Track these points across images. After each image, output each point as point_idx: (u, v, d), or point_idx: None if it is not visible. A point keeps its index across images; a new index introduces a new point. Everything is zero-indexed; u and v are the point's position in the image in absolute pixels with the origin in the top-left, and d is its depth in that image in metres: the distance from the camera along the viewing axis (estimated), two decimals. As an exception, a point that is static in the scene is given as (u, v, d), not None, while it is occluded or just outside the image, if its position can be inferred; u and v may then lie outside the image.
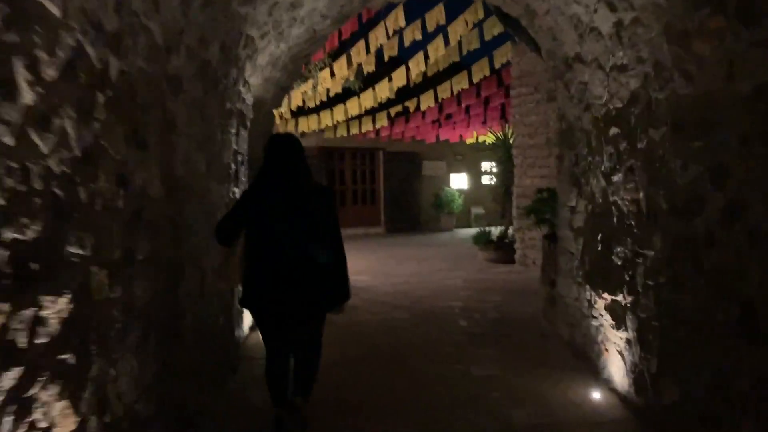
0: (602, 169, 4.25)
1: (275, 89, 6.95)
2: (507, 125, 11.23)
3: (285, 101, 12.50)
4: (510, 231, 10.41)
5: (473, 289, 8.04)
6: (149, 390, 2.85)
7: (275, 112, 12.47)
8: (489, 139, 16.74)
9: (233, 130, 5.16)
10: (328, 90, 12.09)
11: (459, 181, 19.15)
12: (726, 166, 2.68)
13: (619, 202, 3.95)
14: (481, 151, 17.19)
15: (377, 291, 7.95)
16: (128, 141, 2.70)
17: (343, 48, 11.07)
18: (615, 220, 4.02)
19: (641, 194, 3.61)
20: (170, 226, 3.27)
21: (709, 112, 2.83)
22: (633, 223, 3.73)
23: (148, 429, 2.82)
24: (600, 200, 4.31)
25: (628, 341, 3.82)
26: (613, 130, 4.02)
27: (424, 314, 6.63)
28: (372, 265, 10.37)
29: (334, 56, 11.26)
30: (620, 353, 3.93)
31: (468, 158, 19.11)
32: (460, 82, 12.29)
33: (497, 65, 11.29)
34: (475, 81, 11.96)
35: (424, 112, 14.07)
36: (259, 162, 5.92)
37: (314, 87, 11.69)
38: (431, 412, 3.89)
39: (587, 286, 4.56)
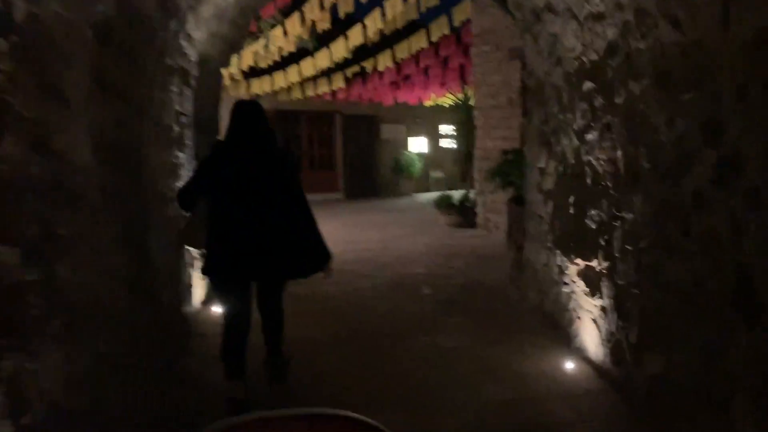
0: (574, 127, 4.00)
1: (223, 45, 6.46)
2: (467, 86, 10.92)
3: (235, 61, 11.90)
4: (471, 195, 10.20)
5: (437, 254, 7.83)
6: (80, 384, 2.51)
7: (225, 71, 11.88)
8: (448, 101, 16.50)
9: (175, 89, 4.72)
10: (280, 49, 11.56)
11: (418, 144, 18.87)
12: (719, 120, 2.44)
13: (594, 162, 3.71)
14: (441, 113, 16.94)
15: (340, 259, 7.58)
16: (44, 97, 2.30)
17: (296, 4, 10.52)
18: (589, 181, 3.79)
19: (619, 153, 3.37)
20: (101, 197, 2.88)
21: (700, 61, 2.57)
22: (609, 184, 3.50)
23: (80, 427, 2.48)
24: (572, 161, 4.07)
25: (603, 309, 3.63)
26: (587, 85, 3.76)
27: (390, 282, 6.38)
28: (333, 233, 10.02)
29: (286, 13, 10.72)
30: (594, 321, 3.75)
31: (427, 121, 18.82)
32: (418, 42, 11.90)
33: (456, 23, 10.93)
34: (433, 40, 11.58)
35: (381, 73, 13.66)
36: (208, 124, 5.39)
37: (266, 46, 11.14)
38: (400, 389, 3.65)
39: (558, 252, 4.36)
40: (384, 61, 12.59)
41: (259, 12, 9.73)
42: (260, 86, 14.10)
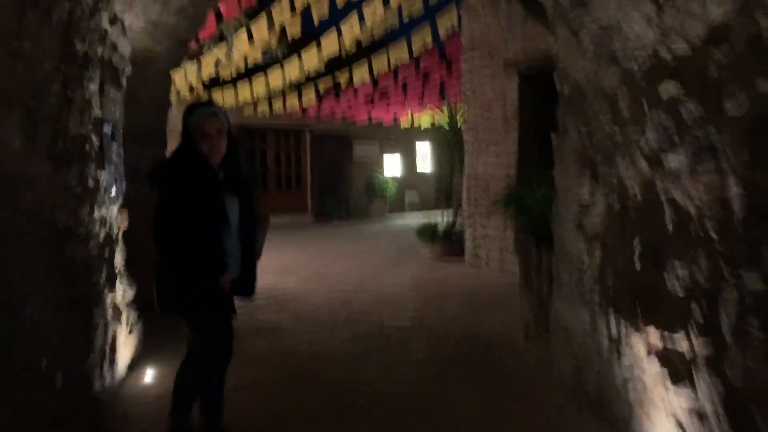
0: (642, 147, 2.89)
1: (170, 41, 5.24)
2: (447, 103, 9.87)
3: (193, 69, 10.66)
4: (457, 223, 9.08)
5: (424, 295, 6.65)
6: None
7: (178, 78, 10.62)
8: (425, 119, 15.47)
9: (92, 87, 3.48)
10: (246, 57, 10.36)
11: (392, 164, 17.77)
12: None
13: (680, 197, 2.60)
14: (417, 132, 15.96)
15: (308, 302, 6.42)
16: None
17: (263, 5, 9.36)
18: (670, 224, 2.68)
19: (734, 188, 2.27)
20: None
21: None
22: (713, 231, 2.39)
23: None
24: (637, 193, 2.96)
25: (697, 413, 2.50)
26: (669, 88, 2.65)
27: (372, 336, 5.16)
28: (300, 264, 8.81)
29: (252, 15, 9.54)
30: (682, 428, 2.61)
31: (402, 140, 17.77)
32: (398, 53, 10.84)
33: (441, 33, 9.90)
34: (414, 50, 10.53)
35: (356, 88, 12.55)
36: (151, 136, 4.31)
37: (229, 52, 9.93)
38: None
39: (612, 314, 3.22)
40: (360, 74, 11.49)
41: (220, 10, 8.54)
42: (223, 98, 12.85)
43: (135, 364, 4.36)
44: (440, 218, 9.33)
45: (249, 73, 11.62)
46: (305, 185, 16.54)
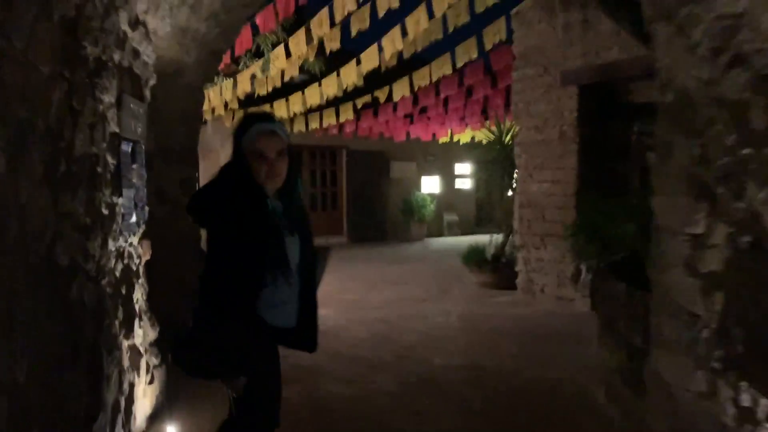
0: (789, 170, 2.25)
1: (200, 51, 4.77)
2: (496, 120, 9.27)
3: (229, 86, 10.28)
4: (507, 248, 8.41)
5: (476, 331, 6.00)
6: None
7: (213, 95, 10.25)
8: (466, 137, 14.86)
9: (107, 98, 2.99)
10: (282, 73, 9.93)
11: (430, 184, 17.17)
12: None
13: None
14: (462, 150, 15.36)
15: (348, 337, 5.83)
16: None
17: (302, 17, 8.93)
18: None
19: None
20: None
21: None
22: None
23: None
24: (782, 229, 2.30)
25: None
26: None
27: (420, 381, 4.54)
28: (336, 291, 8.24)
29: (290, 29, 9.11)
30: None
31: (441, 159, 17.18)
32: (440, 67, 10.28)
33: (488, 46, 9.31)
34: (459, 65, 9.96)
35: (395, 104, 12.02)
36: (179, 154, 3.72)
37: (265, 68, 9.51)
38: None
39: (739, 380, 2.55)
40: (400, 89, 10.96)
41: (256, 21, 8.13)
42: (258, 116, 12.45)
43: (157, 415, 3.82)
44: (488, 243, 8.65)
45: (286, 90, 11.20)
46: (341, 205, 16.05)
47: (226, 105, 11.24)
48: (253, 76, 10.05)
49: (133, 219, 3.52)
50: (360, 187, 15.89)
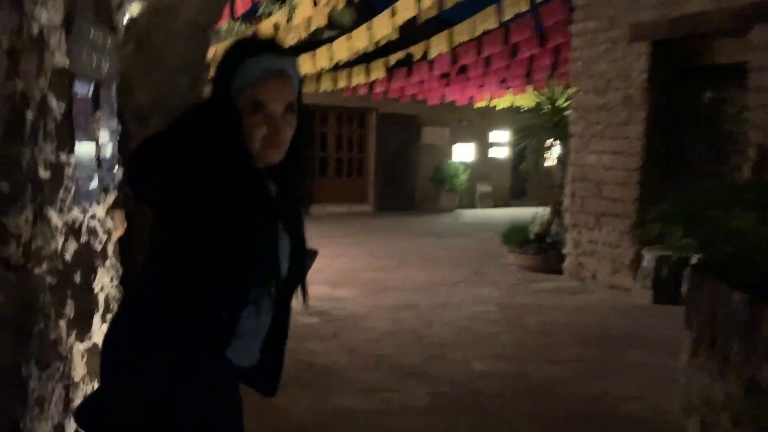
0: None
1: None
2: (548, 82, 8.24)
3: (249, 35, 9.35)
4: (553, 227, 7.46)
5: (520, 326, 5.12)
6: None
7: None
8: (504, 102, 13.79)
9: (46, 17, 2.12)
10: (308, 22, 8.96)
11: (463, 152, 16.14)
12: None
13: None
14: (500, 115, 14.33)
15: (370, 328, 5.00)
16: None
17: (330, -43, 7.93)
18: None
19: None
20: None
21: None
22: None
23: None
24: None
25: None
26: None
27: (455, 394, 3.69)
28: (358, 269, 7.42)
29: (317, -29, 8.12)
30: None
31: (475, 126, 16.11)
32: (485, 21, 9.20)
33: (539, -2, 8.22)
34: (506, 18, 8.87)
35: (431, 62, 10.99)
36: (173, 111, 2.21)
37: (289, 16, 8.56)
38: None
39: None
40: (438, 45, 9.91)
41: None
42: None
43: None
44: (531, 220, 7.70)
45: (312, 44, 10.26)
46: (368, 172, 15.15)
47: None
48: (277, 26, 9.10)
49: (94, 184, 2.67)
50: (388, 152, 14.95)
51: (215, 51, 5.46)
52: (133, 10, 3.74)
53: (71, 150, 2.43)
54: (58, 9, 2.24)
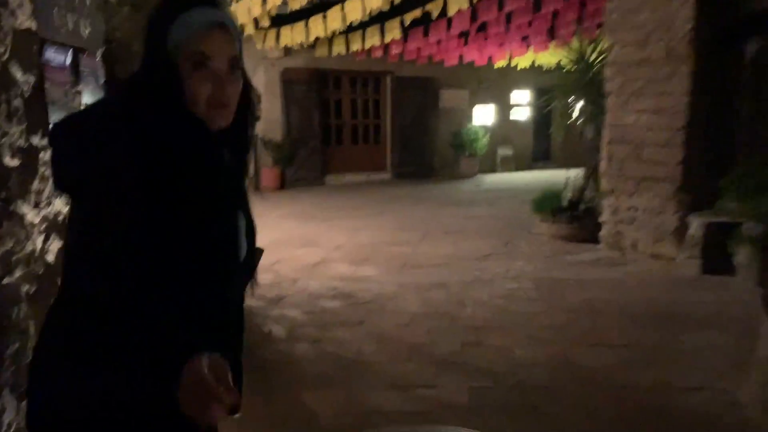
0: None
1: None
2: (578, 35, 7.67)
3: (258, 1, 8.83)
4: (587, 193, 6.99)
5: (560, 305, 4.71)
6: None
7: (240, 12, 8.84)
8: (525, 61, 13.16)
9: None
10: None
11: (483, 115, 15.55)
12: None
13: None
14: (521, 75, 13.76)
15: (397, 311, 4.63)
16: None
17: None
18: None
19: None
20: None
21: None
22: None
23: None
24: None
25: None
26: None
27: (498, 388, 3.32)
28: (380, 243, 7.02)
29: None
30: None
31: (495, 87, 15.48)
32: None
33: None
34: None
35: (450, 20, 10.39)
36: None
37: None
38: None
39: None
40: (456, 2, 9.31)
41: None
42: (292, 37, 11.02)
43: None
44: (564, 186, 7.22)
45: (322, 6, 9.71)
46: (384, 138, 14.64)
47: (256, 23, 9.85)
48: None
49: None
50: (406, 117, 14.41)
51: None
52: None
53: (46, 131, 2.04)
54: (15, -42, 1.82)
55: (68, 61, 2.18)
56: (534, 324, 4.29)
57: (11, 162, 1.85)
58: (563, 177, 7.30)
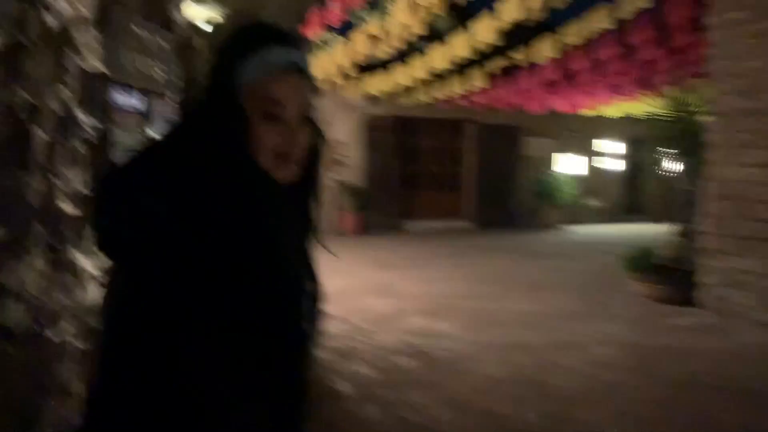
0: None
1: None
2: (680, 83, 7.24)
3: (342, 48, 8.94)
4: (683, 251, 6.42)
5: (659, 379, 4.21)
6: None
7: (326, 60, 8.96)
8: (614, 110, 12.71)
9: (67, 6, 1.64)
10: (405, 31, 8.40)
11: (568, 164, 15.05)
12: None
13: None
14: (609, 124, 13.34)
15: (475, 373, 4.30)
16: None
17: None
18: None
19: None
20: None
21: None
22: None
23: None
24: None
25: None
26: None
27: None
28: (458, 296, 6.72)
29: (413, -26, 7.54)
30: None
31: (581, 135, 15.01)
32: (596, 20, 8.29)
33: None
34: (622, 17, 7.93)
35: (535, 68, 10.14)
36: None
37: (382, 20, 8.06)
38: None
39: None
40: (544, 50, 9.09)
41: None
42: (375, 85, 11.11)
43: None
44: (658, 242, 6.69)
45: (406, 53, 9.72)
46: (462, 185, 14.39)
47: (342, 72, 9.96)
48: (371, 37, 8.62)
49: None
50: (488, 165, 14.14)
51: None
52: (206, 15, 3.30)
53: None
54: None
55: (139, 104, 2.11)
56: (629, 398, 3.85)
57: (67, 208, 1.75)
58: (654, 231, 6.80)
